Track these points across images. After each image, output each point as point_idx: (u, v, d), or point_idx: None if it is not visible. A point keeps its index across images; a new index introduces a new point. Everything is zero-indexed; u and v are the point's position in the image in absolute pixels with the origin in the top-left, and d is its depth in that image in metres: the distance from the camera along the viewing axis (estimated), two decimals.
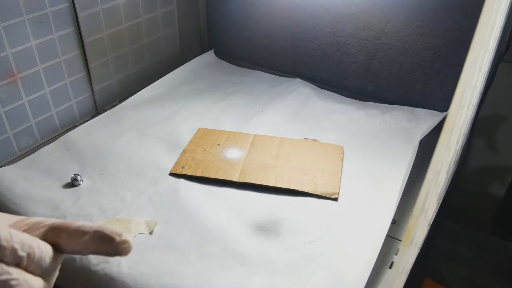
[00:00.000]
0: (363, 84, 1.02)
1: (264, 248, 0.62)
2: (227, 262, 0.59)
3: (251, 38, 1.13)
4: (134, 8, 0.97)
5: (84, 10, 0.85)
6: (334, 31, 0.99)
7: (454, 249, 1.33)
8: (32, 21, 0.76)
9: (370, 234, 0.64)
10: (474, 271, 1.27)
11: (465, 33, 0.85)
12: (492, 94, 1.03)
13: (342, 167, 0.78)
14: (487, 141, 1.20)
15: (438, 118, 0.89)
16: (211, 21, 1.20)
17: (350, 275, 0.58)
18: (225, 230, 0.65)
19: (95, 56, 0.92)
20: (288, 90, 1.02)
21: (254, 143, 0.83)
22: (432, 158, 0.33)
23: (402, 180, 0.73)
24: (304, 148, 0.82)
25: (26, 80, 0.79)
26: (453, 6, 0.83)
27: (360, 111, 0.93)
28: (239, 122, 0.91)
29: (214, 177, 0.74)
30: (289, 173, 0.75)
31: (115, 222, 0.65)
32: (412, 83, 0.96)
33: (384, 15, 0.91)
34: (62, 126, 0.90)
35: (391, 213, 0.66)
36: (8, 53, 0.74)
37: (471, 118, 0.72)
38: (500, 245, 1.32)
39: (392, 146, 0.84)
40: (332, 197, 0.71)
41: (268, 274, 0.58)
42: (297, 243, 0.63)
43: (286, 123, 0.90)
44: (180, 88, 1.04)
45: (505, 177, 1.22)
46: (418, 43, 0.90)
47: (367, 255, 0.60)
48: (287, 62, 1.11)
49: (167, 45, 1.12)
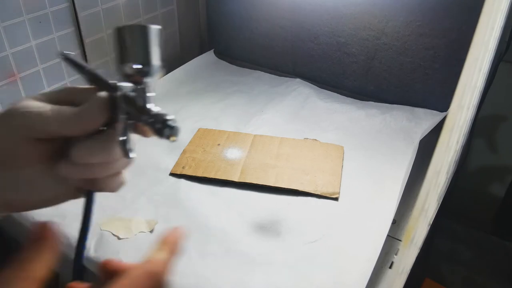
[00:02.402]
0: (363, 84, 1.02)
1: (264, 248, 0.62)
2: (227, 262, 0.59)
3: (251, 38, 1.13)
4: (134, 8, 0.97)
5: (84, 10, 0.85)
6: (334, 31, 0.99)
7: (454, 249, 1.33)
8: (32, 21, 0.76)
9: (371, 234, 0.64)
10: (474, 271, 1.27)
11: (465, 33, 0.85)
12: (492, 94, 1.03)
13: (342, 167, 0.78)
14: (487, 141, 1.20)
15: (438, 118, 0.89)
16: (211, 21, 1.20)
17: (351, 275, 0.58)
18: (225, 230, 0.65)
19: (95, 56, 0.92)
20: (288, 90, 1.02)
21: (254, 143, 0.83)
22: (432, 158, 0.33)
23: (402, 180, 0.73)
24: (304, 148, 0.82)
25: (26, 80, 0.79)
26: (453, 6, 0.83)
27: (360, 111, 0.93)
28: (239, 122, 0.91)
29: (214, 177, 0.74)
30: (290, 173, 0.75)
31: (116, 221, 0.65)
32: (412, 83, 0.96)
33: (384, 15, 0.91)
34: None
35: (391, 213, 0.66)
36: (8, 53, 0.74)
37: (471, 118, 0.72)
38: (500, 245, 1.32)
39: (392, 146, 0.84)
40: (332, 197, 0.71)
41: (269, 274, 0.58)
42: (297, 243, 0.63)
43: (286, 123, 0.91)
44: (180, 88, 1.04)
45: (505, 177, 1.22)
46: (418, 43, 0.90)
47: (368, 255, 0.60)
48: (287, 62, 1.11)
49: (167, 45, 1.12)
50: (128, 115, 0.33)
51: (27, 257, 0.27)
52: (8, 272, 0.26)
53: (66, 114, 0.32)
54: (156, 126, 0.31)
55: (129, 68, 0.33)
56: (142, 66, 0.33)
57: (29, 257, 0.27)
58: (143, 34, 0.33)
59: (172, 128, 0.30)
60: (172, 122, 0.31)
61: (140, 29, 0.33)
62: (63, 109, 0.32)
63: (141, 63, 0.33)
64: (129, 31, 0.33)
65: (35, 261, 0.27)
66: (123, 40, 0.33)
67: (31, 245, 0.28)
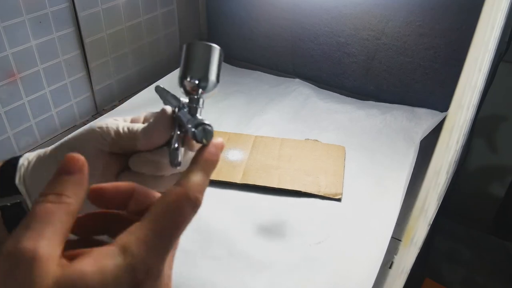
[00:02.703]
0: (363, 84, 1.02)
1: (268, 249, 0.62)
2: (231, 264, 0.59)
3: (251, 38, 1.13)
4: (134, 8, 0.97)
5: (84, 10, 0.85)
6: (334, 31, 0.99)
7: (454, 249, 1.33)
8: (32, 21, 0.76)
9: (375, 234, 0.64)
10: (474, 271, 1.27)
11: (465, 33, 0.85)
12: (492, 94, 1.03)
13: (344, 168, 0.77)
14: (487, 141, 1.20)
15: (438, 118, 0.89)
16: (211, 21, 1.20)
17: (356, 276, 0.58)
18: (229, 232, 0.64)
19: (95, 56, 0.92)
20: (288, 90, 1.02)
21: (255, 144, 0.83)
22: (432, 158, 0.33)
23: (404, 180, 0.73)
24: (306, 148, 0.82)
25: (26, 80, 0.79)
26: (453, 6, 0.83)
27: (360, 111, 0.93)
28: (239, 122, 0.90)
29: (216, 179, 0.74)
30: (292, 174, 0.75)
31: None
32: (412, 83, 0.96)
33: (384, 15, 0.91)
34: (62, 126, 0.90)
35: (395, 213, 0.66)
36: (8, 53, 0.74)
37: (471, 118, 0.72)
38: (500, 245, 1.32)
39: (393, 146, 0.84)
40: (335, 197, 0.71)
41: (273, 275, 0.58)
42: (301, 244, 0.63)
43: (286, 123, 0.90)
44: (179, 89, 1.03)
45: (505, 177, 1.22)
46: (418, 43, 0.90)
47: (372, 257, 0.60)
48: (287, 62, 1.11)
49: (167, 45, 1.12)
50: (179, 127, 0.37)
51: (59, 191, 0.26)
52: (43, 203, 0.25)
53: (137, 131, 0.37)
54: (192, 130, 0.33)
55: (188, 81, 0.37)
56: (199, 81, 0.36)
57: (61, 190, 0.26)
58: (205, 51, 0.37)
59: (206, 131, 0.33)
60: (207, 126, 0.33)
61: (204, 47, 0.37)
62: (134, 126, 0.38)
63: (199, 78, 0.36)
64: (195, 47, 0.37)
65: (68, 194, 0.26)
66: (188, 55, 0.37)
67: (61, 178, 0.26)
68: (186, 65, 0.37)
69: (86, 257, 0.23)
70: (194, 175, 0.29)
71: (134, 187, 0.31)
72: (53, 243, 0.23)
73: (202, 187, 0.30)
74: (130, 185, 0.31)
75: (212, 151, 0.32)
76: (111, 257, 0.24)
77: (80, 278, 0.22)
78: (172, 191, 0.28)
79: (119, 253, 0.24)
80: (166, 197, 0.27)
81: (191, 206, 0.28)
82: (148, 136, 0.37)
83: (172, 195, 0.27)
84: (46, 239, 0.23)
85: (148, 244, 0.25)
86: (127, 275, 0.24)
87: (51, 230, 0.24)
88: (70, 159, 0.27)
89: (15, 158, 0.40)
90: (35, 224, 0.23)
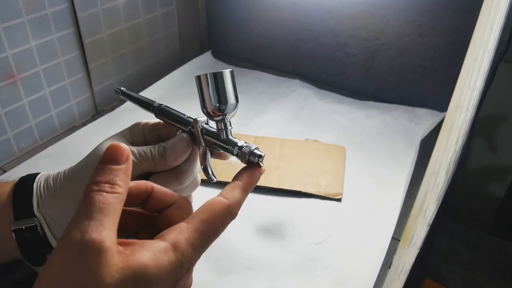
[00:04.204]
0: (363, 84, 1.02)
1: (268, 250, 0.62)
2: (231, 265, 0.59)
3: (251, 38, 1.13)
4: (134, 8, 0.97)
5: (83, 11, 0.85)
6: (334, 31, 0.99)
7: (454, 249, 1.33)
8: (31, 22, 0.76)
9: (376, 234, 0.64)
10: (474, 271, 1.27)
11: (465, 33, 0.85)
12: (492, 94, 1.03)
13: (344, 168, 0.77)
14: (487, 141, 1.20)
15: (438, 118, 0.89)
16: (211, 21, 1.20)
17: (357, 277, 0.58)
18: (228, 233, 0.64)
19: (94, 57, 0.92)
20: (288, 91, 1.02)
21: (255, 145, 0.82)
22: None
23: (405, 180, 0.73)
24: (306, 149, 0.82)
25: (26, 81, 0.79)
26: (453, 6, 0.83)
27: (360, 111, 0.93)
28: (239, 122, 0.90)
29: (217, 180, 0.74)
30: (292, 174, 0.75)
31: None
32: (412, 83, 0.96)
33: (384, 15, 0.91)
34: (61, 126, 0.90)
35: (395, 213, 0.66)
36: (8, 54, 0.74)
37: (471, 118, 0.72)
38: (500, 245, 1.32)
39: (393, 146, 0.84)
40: (335, 197, 0.71)
41: (273, 276, 0.58)
42: (302, 245, 0.63)
43: (286, 123, 0.90)
44: (179, 90, 1.04)
45: (505, 177, 1.22)
46: (418, 43, 0.90)
47: (373, 256, 0.60)
48: (286, 62, 1.11)
49: (167, 45, 1.12)
50: (206, 144, 0.41)
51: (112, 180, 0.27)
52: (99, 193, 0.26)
53: (152, 156, 0.40)
54: (246, 157, 0.39)
55: (208, 108, 0.40)
56: (219, 106, 0.39)
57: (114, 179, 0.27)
58: (216, 80, 0.39)
59: (261, 156, 0.39)
60: (259, 152, 0.39)
61: (213, 76, 0.39)
62: (147, 151, 0.40)
63: (218, 103, 0.39)
64: (204, 79, 0.39)
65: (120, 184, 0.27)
66: (201, 87, 0.39)
67: (110, 167, 0.28)
68: (202, 97, 0.40)
69: (143, 249, 0.26)
70: (238, 193, 0.34)
71: (153, 186, 0.33)
72: (113, 233, 0.25)
73: (241, 205, 0.34)
74: (149, 184, 0.33)
75: (257, 177, 0.37)
76: (166, 253, 0.27)
77: (141, 270, 0.25)
78: (218, 202, 0.32)
79: (172, 250, 0.27)
80: (213, 206, 0.32)
81: (230, 218, 0.33)
82: (168, 160, 0.40)
83: (218, 207, 0.32)
84: (108, 230, 0.25)
85: (194, 245, 0.29)
86: (176, 270, 0.27)
87: (111, 220, 0.26)
88: (117, 148, 0.28)
89: (30, 177, 0.42)
90: (97, 214, 0.25)
